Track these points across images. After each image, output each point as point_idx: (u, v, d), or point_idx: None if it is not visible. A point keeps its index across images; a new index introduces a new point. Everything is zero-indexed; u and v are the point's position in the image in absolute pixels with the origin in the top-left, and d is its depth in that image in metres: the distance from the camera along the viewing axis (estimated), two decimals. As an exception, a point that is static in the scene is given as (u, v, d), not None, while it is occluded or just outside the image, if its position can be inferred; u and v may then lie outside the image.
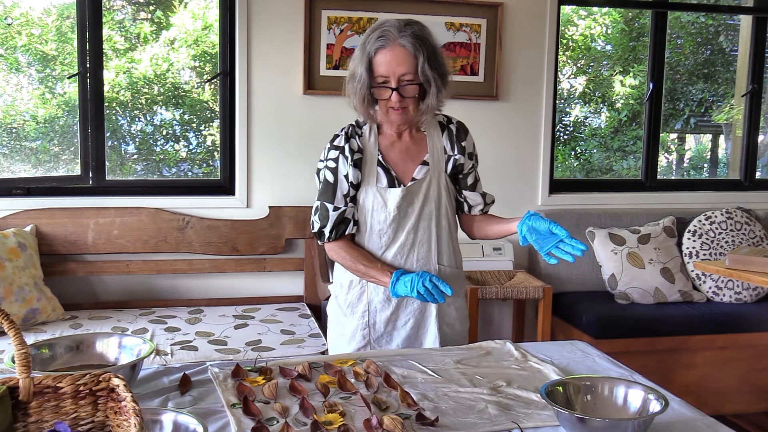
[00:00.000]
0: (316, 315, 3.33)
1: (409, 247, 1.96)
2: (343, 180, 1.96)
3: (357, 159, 1.95)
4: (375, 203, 1.95)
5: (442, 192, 1.98)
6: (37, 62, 3.49)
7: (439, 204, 1.98)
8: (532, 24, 3.77)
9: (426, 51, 1.86)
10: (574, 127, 4.71)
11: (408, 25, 1.89)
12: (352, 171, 1.95)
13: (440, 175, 1.98)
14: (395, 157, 1.98)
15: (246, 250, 3.46)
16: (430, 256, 1.97)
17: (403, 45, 1.85)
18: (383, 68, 1.85)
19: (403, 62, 1.85)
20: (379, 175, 1.95)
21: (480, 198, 2.06)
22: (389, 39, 1.86)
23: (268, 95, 3.51)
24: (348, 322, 2.02)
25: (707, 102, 4.79)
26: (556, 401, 1.39)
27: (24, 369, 1.16)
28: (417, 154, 1.99)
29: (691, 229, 3.73)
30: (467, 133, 2.04)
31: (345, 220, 1.97)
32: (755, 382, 3.50)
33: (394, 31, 1.86)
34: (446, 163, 2.00)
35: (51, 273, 3.21)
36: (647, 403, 1.40)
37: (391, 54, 1.85)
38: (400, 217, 1.95)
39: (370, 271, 1.92)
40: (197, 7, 3.67)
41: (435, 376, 1.66)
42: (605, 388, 1.46)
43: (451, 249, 2.02)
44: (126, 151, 3.74)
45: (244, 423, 1.37)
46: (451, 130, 2.01)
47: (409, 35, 1.86)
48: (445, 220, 1.99)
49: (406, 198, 1.94)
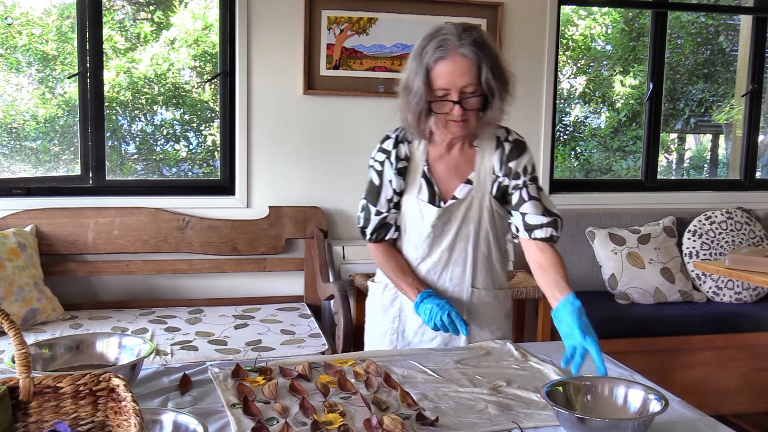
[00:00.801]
0: (316, 315, 3.33)
1: (443, 265, 1.91)
2: (387, 185, 1.91)
3: (402, 167, 1.91)
4: (414, 214, 1.91)
5: (484, 213, 1.88)
6: (37, 62, 3.49)
7: (479, 226, 1.88)
8: (532, 24, 3.77)
9: (489, 59, 1.73)
10: (574, 127, 4.71)
11: (467, 31, 1.74)
12: (395, 179, 1.90)
13: (484, 196, 1.87)
14: (441, 171, 1.90)
15: (246, 250, 3.46)
16: (464, 277, 1.91)
17: (465, 54, 1.71)
18: (443, 80, 1.73)
19: (465, 73, 1.72)
20: (422, 187, 1.89)
21: (519, 219, 1.86)
22: (449, 48, 1.71)
23: (268, 95, 3.51)
24: (381, 322, 2.02)
25: (707, 102, 4.79)
26: (557, 401, 1.38)
27: (24, 369, 1.16)
28: (464, 170, 1.89)
29: (691, 229, 3.73)
30: (522, 153, 1.87)
31: (386, 225, 1.94)
32: (755, 382, 3.50)
33: (453, 39, 1.72)
34: (492, 184, 1.88)
35: (51, 273, 3.21)
36: (647, 403, 1.40)
37: (452, 65, 1.71)
38: (436, 235, 1.89)
39: (400, 283, 1.91)
40: (197, 7, 3.67)
41: (435, 376, 1.66)
42: (605, 388, 1.46)
43: (488, 271, 1.93)
44: (126, 151, 3.75)
45: (244, 423, 1.37)
46: (504, 149, 1.87)
47: (470, 43, 1.71)
48: (484, 242, 1.90)
49: (442, 218, 1.87)
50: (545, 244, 1.84)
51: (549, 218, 1.84)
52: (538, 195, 1.86)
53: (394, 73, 3.60)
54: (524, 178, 1.86)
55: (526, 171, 1.86)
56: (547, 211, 1.85)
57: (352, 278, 3.37)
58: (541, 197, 1.87)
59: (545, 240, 1.84)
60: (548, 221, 1.84)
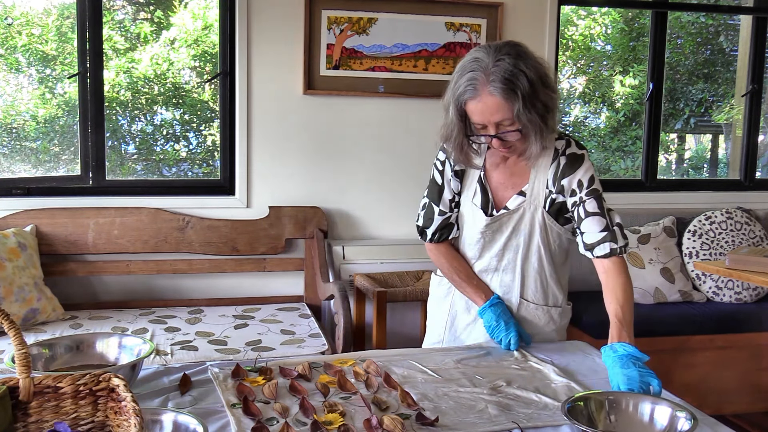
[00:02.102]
0: (316, 315, 3.33)
1: (492, 270, 1.91)
2: (447, 185, 1.92)
3: (460, 169, 1.90)
4: (468, 217, 1.92)
5: (536, 227, 1.84)
6: (37, 62, 3.49)
7: (530, 239, 1.85)
8: (532, 24, 3.77)
9: (521, 93, 1.63)
10: (573, 127, 4.71)
11: (498, 62, 1.64)
12: (453, 180, 1.91)
13: (537, 210, 1.83)
14: (496, 180, 1.88)
15: (246, 250, 3.46)
16: (513, 286, 1.89)
17: (493, 94, 1.63)
18: (477, 117, 1.69)
19: (496, 111, 1.65)
20: (477, 192, 1.88)
21: (580, 238, 1.80)
22: (478, 88, 1.65)
23: (268, 95, 3.51)
24: (437, 312, 2.06)
25: (707, 102, 4.79)
26: (577, 418, 1.33)
27: (24, 369, 1.16)
28: (518, 181, 1.85)
29: (691, 229, 3.73)
30: (576, 168, 1.78)
31: (449, 225, 1.95)
32: (755, 382, 3.49)
33: (482, 77, 1.64)
34: (546, 199, 1.82)
35: (51, 273, 3.21)
36: (675, 420, 1.33)
37: (482, 105, 1.66)
38: (486, 241, 1.89)
39: (465, 287, 1.92)
40: (197, 7, 3.67)
41: (435, 376, 1.66)
42: (629, 405, 1.40)
43: (540, 286, 1.89)
44: (126, 151, 3.74)
45: (244, 423, 1.37)
46: (559, 164, 1.80)
47: (498, 79, 1.63)
48: (535, 256, 1.86)
49: (490, 227, 1.86)
50: (608, 262, 1.77)
51: (605, 232, 1.76)
52: (598, 209, 1.77)
53: (394, 73, 3.61)
54: (580, 194, 1.78)
55: (582, 186, 1.78)
56: (606, 225, 1.77)
57: (352, 278, 3.38)
58: (602, 211, 1.77)
59: (607, 257, 1.76)
60: (604, 236, 1.76)
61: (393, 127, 3.67)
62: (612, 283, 1.76)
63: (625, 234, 1.81)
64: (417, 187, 3.62)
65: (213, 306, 3.40)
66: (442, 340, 2.02)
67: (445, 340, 2.01)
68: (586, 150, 1.84)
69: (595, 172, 1.81)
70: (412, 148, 3.68)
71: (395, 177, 3.68)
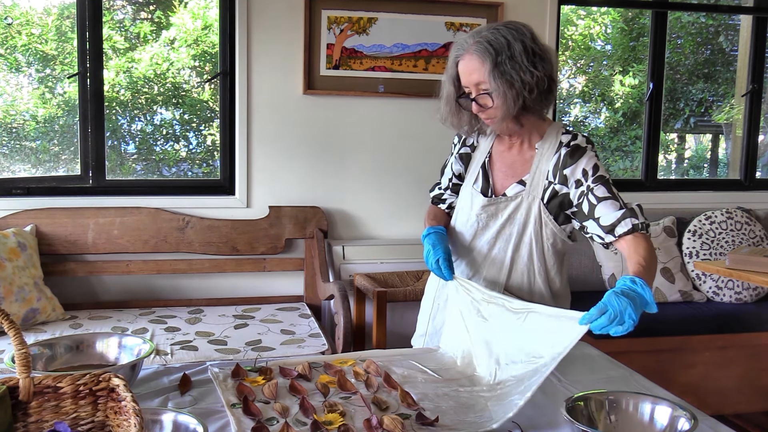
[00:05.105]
0: (316, 315, 3.33)
1: (479, 262, 1.91)
2: (451, 165, 2.03)
3: (464, 153, 1.99)
4: (465, 203, 1.95)
5: (531, 218, 1.82)
6: (37, 62, 3.49)
7: (523, 230, 1.83)
8: (532, 24, 3.69)
9: (496, 55, 1.70)
10: (573, 127, 4.71)
11: (492, 31, 1.74)
12: (456, 163, 2.01)
13: (534, 200, 1.82)
14: (499, 167, 1.91)
15: (246, 250, 3.46)
16: (498, 278, 1.88)
17: (471, 53, 1.74)
18: (462, 79, 1.79)
19: (474, 71, 1.74)
20: (478, 178, 1.93)
21: (596, 226, 1.74)
22: (463, 47, 1.76)
23: (268, 95, 3.51)
24: (424, 305, 2.10)
25: (707, 102, 4.79)
26: (577, 418, 1.33)
27: (24, 369, 1.16)
28: (520, 170, 1.87)
29: (691, 229, 3.73)
30: (578, 158, 1.78)
31: (442, 200, 2.07)
32: (755, 382, 3.49)
33: (471, 39, 1.75)
34: (544, 190, 1.82)
35: (51, 273, 3.21)
36: (675, 421, 1.33)
37: (463, 65, 1.76)
38: (479, 227, 1.89)
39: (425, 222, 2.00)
40: (197, 6, 3.67)
41: (435, 376, 1.66)
42: (629, 405, 1.40)
43: (526, 281, 1.86)
44: (126, 151, 3.74)
45: (244, 423, 1.37)
46: (560, 155, 1.80)
47: (479, 40, 1.73)
48: (526, 248, 1.84)
49: (486, 209, 1.87)
50: (634, 239, 1.68)
51: (623, 210, 1.71)
52: (609, 193, 1.74)
53: (394, 72, 3.60)
54: (587, 182, 1.76)
55: (587, 175, 1.77)
56: (621, 205, 1.74)
57: (352, 278, 3.37)
58: (613, 195, 1.75)
59: (631, 232, 1.69)
60: (623, 212, 1.71)
61: (393, 127, 3.67)
62: (635, 254, 1.65)
63: (644, 215, 1.76)
64: (417, 187, 3.64)
65: (213, 306, 3.40)
66: (425, 332, 2.05)
67: (428, 333, 2.04)
68: (592, 144, 1.84)
69: (600, 162, 1.80)
70: (412, 148, 3.68)
71: (395, 177, 3.68)
